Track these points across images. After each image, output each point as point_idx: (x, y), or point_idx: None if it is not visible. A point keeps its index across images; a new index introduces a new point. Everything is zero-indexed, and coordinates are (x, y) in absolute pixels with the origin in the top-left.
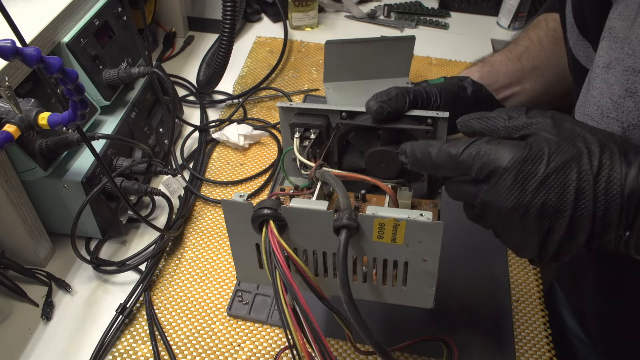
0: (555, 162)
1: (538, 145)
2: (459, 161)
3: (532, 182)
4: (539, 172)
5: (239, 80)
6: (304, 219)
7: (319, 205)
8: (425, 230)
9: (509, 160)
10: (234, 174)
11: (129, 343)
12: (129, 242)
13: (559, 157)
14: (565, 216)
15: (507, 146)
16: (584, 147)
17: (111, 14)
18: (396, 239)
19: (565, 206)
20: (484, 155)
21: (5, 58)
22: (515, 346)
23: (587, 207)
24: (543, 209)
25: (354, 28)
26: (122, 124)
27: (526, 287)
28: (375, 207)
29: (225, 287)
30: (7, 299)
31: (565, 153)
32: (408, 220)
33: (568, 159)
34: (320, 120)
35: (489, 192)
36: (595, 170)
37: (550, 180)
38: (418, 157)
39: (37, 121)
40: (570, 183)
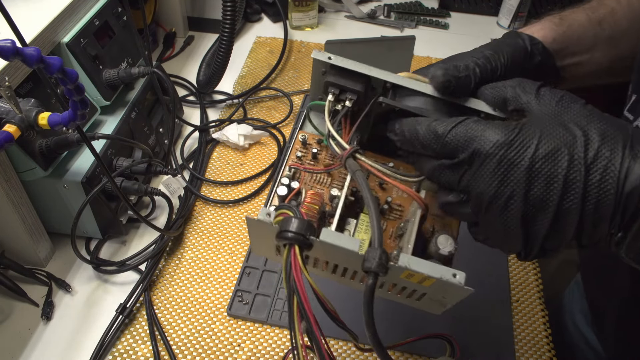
0: (545, 148)
1: (530, 127)
2: (444, 141)
3: (515, 170)
4: (525, 157)
5: (239, 80)
6: (333, 251)
7: (351, 244)
8: (455, 290)
9: (493, 144)
10: (234, 174)
11: (129, 343)
12: (129, 242)
13: (550, 142)
14: (549, 209)
15: (495, 127)
16: (580, 133)
17: (111, 14)
18: (423, 283)
19: (550, 198)
20: (470, 136)
21: (5, 58)
22: (515, 346)
23: (576, 200)
24: (526, 200)
25: (354, 28)
26: (122, 124)
27: (526, 287)
28: (408, 258)
29: (225, 287)
30: (7, 299)
31: (558, 138)
32: (439, 280)
33: (560, 144)
34: (359, 84)
35: (471, 177)
36: (589, 160)
37: (536, 168)
38: (406, 136)
39: (37, 121)
40: (559, 172)
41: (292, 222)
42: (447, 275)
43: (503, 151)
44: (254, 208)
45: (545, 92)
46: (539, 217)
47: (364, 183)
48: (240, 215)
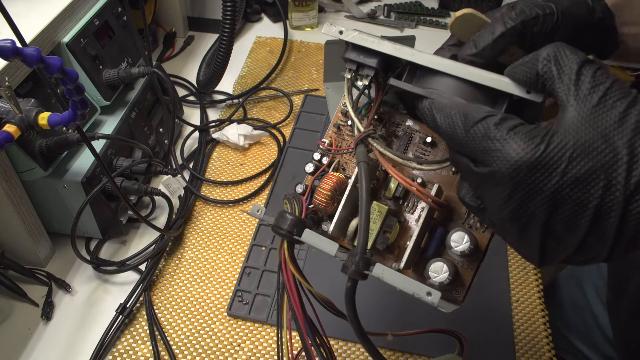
0: (577, 170)
1: (560, 140)
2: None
3: (537, 196)
4: (550, 182)
5: (239, 80)
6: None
7: (330, 247)
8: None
9: (511, 166)
10: (234, 174)
11: (129, 343)
12: (129, 242)
13: (583, 163)
14: (576, 238)
15: (518, 139)
16: (625, 151)
17: (111, 14)
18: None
19: (578, 227)
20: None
21: (5, 58)
22: (515, 346)
23: (609, 230)
24: (547, 227)
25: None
26: (122, 124)
27: (526, 287)
28: (383, 269)
29: (225, 287)
30: (7, 299)
31: (595, 157)
32: (413, 295)
33: (595, 166)
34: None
35: (486, 192)
36: (632, 187)
37: (562, 195)
38: (427, 121)
39: (37, 121)
40: (590, 200)
41: (285, 219)
42: (420, 293)
43: (523, 175)
44: None
45: (587, 76)
46: (561, 245)
47: (363, 176)
48: (240, 215)
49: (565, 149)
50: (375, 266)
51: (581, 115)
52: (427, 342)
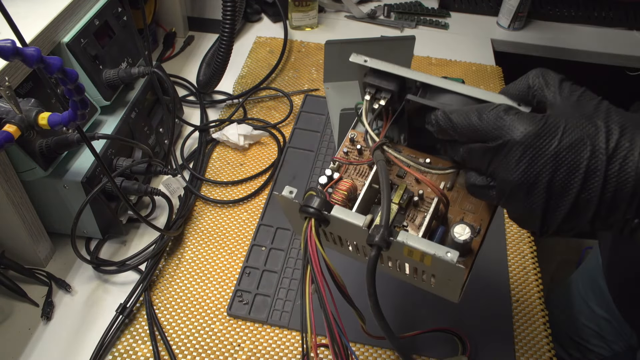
0: (569, 139)
1: (554, 119)
2: (475, 127)
3: (541, 158)
4: (550, 147)
5: (239, 80)
6: (344, 226)
7: (357, 219)
8: (448, 267)
9: (520, 133)
10: (234, 174)
11: (129, 343)
12: (129, 242)
13: (574, 133)
14: (571, 195)
15: (523, 118)
16: (602, 125)
17: (111, 14)
18: (424, 261)
19: (572, 185)
20: (499, 125)
21: (5, 58)
22: (515, 346)
23: (596, 188)
24: (549, 186)
25: (354, 28)
26: (122, 124)
27: (526, 287)
28: (407, 235)
29: (225, 287)
30: (7, 299)
31: (581, 130)
32: (434, 256)
33: (583, 135)
34: (393, 84)
35: (498, 163)
36: (610, 151)
37: (560, 157)
38: (441, 124)
39: (37, 121)
40: (581, 161)
41: (314, 200)
42: (440, 252)
43: (530, 140)
44: (254, 208)
45: (567, 86)
46: (559, 203)
47: (383, 170)
48: (240, 215)
49: (559, 124)
50: (399, 233)
51: (567, 106)
52: (430, 342)
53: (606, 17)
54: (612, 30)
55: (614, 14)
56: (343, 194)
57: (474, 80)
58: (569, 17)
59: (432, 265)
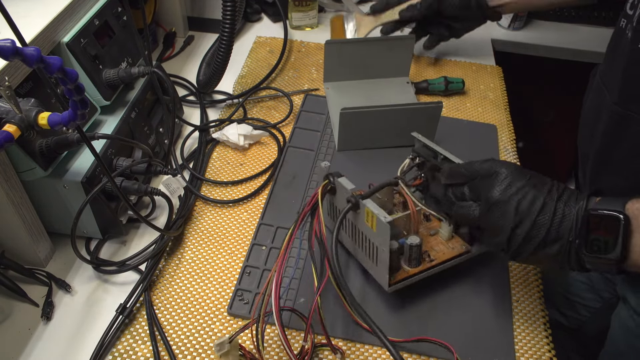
0: (534, 181)
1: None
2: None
3: (515, 185)
4: (523, 180)
5: (239, 80)
6: (340, 195)
7: (348, 185)
8: (381, 226)
9: (506, 168)
10: (234, 174)
11: (129, 343)
12: (129, 242)
13: (536, 179)
14: (531, 216)
15: (507, 163)
16: (550, 181)
17: (111, 14)
18: (373, 226)
19: (533, 210)
20: (493, 166)
21: (5, 58)
22: (515, 346)
23: (548, 215)
24: (518, 207)
25: None
26: (122, 124)
27: (526, 287)
28: (371, 202)
29: (225, 287)
30: (7, 299)
31: (540, 180)
32: (376, 215)
33: (542, 182)
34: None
35: (486, 185)
36: (559, 194)
37: (527, 189)
38: (449, 171)
39: (37, 121)
40: (540, 196)
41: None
42: (381, 214)
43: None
44: (254, 208)
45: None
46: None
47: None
48: (240, 215)
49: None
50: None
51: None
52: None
53: (606, 17)
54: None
55: (614, 14)
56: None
57: (474, 80)
58: (569, 17)
59: (376, 229)
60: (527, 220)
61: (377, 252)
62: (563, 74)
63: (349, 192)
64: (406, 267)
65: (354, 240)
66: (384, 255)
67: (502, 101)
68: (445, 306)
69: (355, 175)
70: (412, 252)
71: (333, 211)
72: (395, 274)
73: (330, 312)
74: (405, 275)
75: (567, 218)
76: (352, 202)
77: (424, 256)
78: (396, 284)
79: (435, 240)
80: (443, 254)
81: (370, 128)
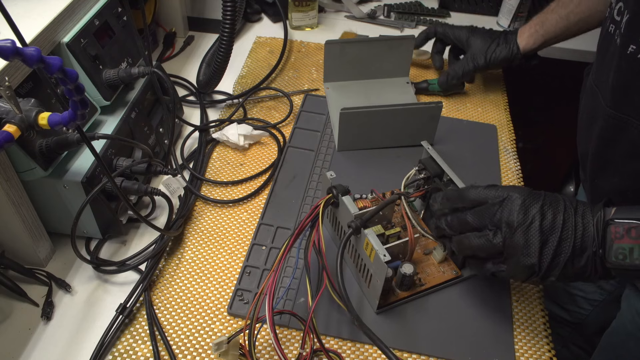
0: (549, 199)
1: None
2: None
3: (533, 206)
4: (539, 201)
5: (239, 80)
6: (342, 210)
7: (353, 208)
8: (378, 262)
9: (517, 192)
10: (234, 174)
11: (129, 343)
12: (129, 242)
13: (550, 197)
14: (556, 233)
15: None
16: (562, 197)
17: (111, 14)
18: (371, 257)
19: (557, 226)
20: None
21: (5, 58)
22: (515, 346)
23: (571, 230)
24: (541, 226)
25: (354, 28)
26: (122, 124)
27: (526, 287)
28: (371, 232)
29: (225, 286)
30: (7, 299)
31: (554, 198)
32: (376, 251)
33: (556, 200)
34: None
35: (503, 210)
36: (574, 208)
37: (545, 208)
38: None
39: (37, 121)
40: (559, 213)
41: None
42: (381, 251)
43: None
44: (254, 208)
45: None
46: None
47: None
48: (240, 215)
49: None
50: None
51: None
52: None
53: None
54: None
55: None
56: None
57: (474, 80)
58: None
59: (373, 261)
60: (553, 237)
61: (371, 278)
62: (563, 74)
63: (352, 217)
64: (397, 290)
65: (350, 255)
66: (377, 284)
67: (502, 101)
68: (445, 306)
69: (355, 176)
70: (405, 280)
71: (334, 222)
72: (386, 296)
73: (330, 311)
74: (395, 299)
75: (588, 230)
76: (353, 227)
77: (414, 279)
78: (385, 306)
79: (428, 261)
80: (433, 278)
81: (370, 128)
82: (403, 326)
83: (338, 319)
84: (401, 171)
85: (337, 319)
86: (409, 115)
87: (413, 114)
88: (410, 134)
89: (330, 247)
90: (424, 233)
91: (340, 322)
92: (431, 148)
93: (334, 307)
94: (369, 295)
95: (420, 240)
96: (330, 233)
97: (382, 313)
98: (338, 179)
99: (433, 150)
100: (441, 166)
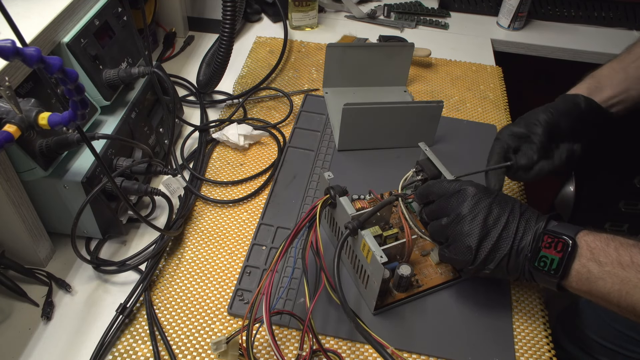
0: (499, 199)
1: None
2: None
3: (483, 202)
4: (490, 198)
5: (239, 80)
6: (339, 211)
7: (350, 209)
8: (375, 263)
9: (473, 187)
10: (234, 174)
11: (129, 343)
12: (129, 242)
13: (501, 197)
14: (497, 230)
15: (473, 183)
16: (513, 200)
17: (111, 14)
18: (368, 258)
19: (499, 225)
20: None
21: (6, 58)
22: (515, 346)
23: (512, 230)
24: (485, 221)
25: (354, 28)
26: (122, 124)
27: (526, 287)
28: (368, 233)
29: (225, 286)
30: (7, 299)
31: (505, 198)
32: (373, 252)
33: (506, 201)
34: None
35: (457, 200)
36: (521, 212)
37: (493, 206)
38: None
39: (37, 121)
40: (505, 213)
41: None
42: (378, 252)
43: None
44: (254, 208)
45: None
46: (490, 233)
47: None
48: (240, 215)
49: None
50: (365, 230)
51: None
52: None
53: (606, 17)
54: (612, 30)
55: (614, 14)
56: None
57: (474, 80)
58: (569, 17)
59: (370, 262)
60: (494, 233)
61: (368, 279)
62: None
63: (349, 217)
64: (394, 291)
65: (348, 256)
66: (374, 285)
67: (502, 101)
68: (444, 307)
69: (355, 176)
70: (402, 281)
71: (331, 222)
72: (383, 297)
73: (329, 311)
74: (392, 300)
75: (527, 235)
76: (350, 229)
77: (412, 280)
78: (383, 307)
79: (425, 263)
80: (431, 280)
81: (371, 127)
82: (401, 327)
83: (337, 318)
84: (401, 172)
85: (336, 319)
86: (410, 114)
87: (414, 113)
88: (411, 133)
89: (328, 247)
90: (421, 234)
91: (340, 321)
92: (428, 149)
93: (333, 307)
94: (366, 296)
95: (418, 242)
96: (328, 234)
97: (379, 314)
98: (338, 179)
99: (430, 152)
100: (438, 167)
